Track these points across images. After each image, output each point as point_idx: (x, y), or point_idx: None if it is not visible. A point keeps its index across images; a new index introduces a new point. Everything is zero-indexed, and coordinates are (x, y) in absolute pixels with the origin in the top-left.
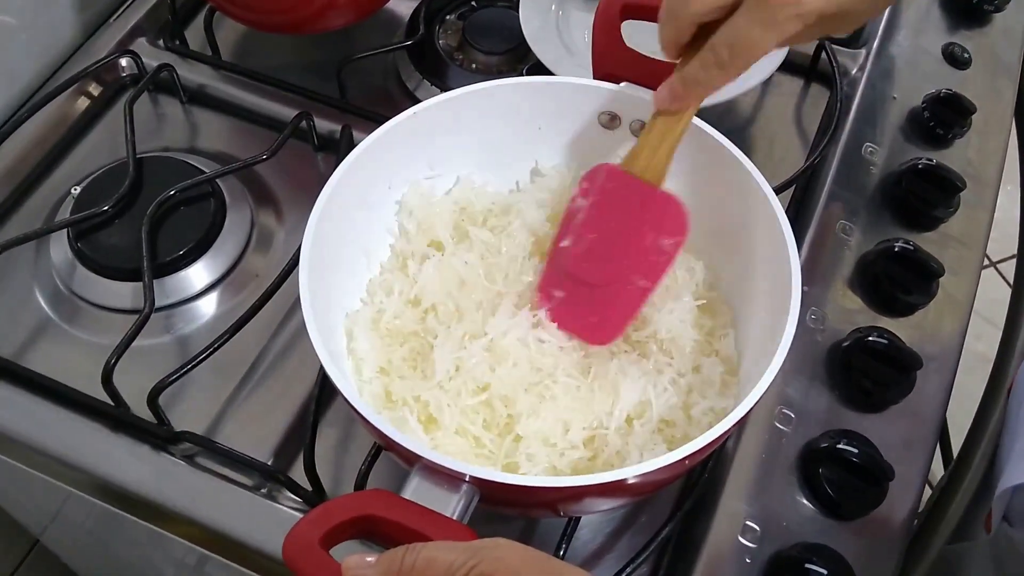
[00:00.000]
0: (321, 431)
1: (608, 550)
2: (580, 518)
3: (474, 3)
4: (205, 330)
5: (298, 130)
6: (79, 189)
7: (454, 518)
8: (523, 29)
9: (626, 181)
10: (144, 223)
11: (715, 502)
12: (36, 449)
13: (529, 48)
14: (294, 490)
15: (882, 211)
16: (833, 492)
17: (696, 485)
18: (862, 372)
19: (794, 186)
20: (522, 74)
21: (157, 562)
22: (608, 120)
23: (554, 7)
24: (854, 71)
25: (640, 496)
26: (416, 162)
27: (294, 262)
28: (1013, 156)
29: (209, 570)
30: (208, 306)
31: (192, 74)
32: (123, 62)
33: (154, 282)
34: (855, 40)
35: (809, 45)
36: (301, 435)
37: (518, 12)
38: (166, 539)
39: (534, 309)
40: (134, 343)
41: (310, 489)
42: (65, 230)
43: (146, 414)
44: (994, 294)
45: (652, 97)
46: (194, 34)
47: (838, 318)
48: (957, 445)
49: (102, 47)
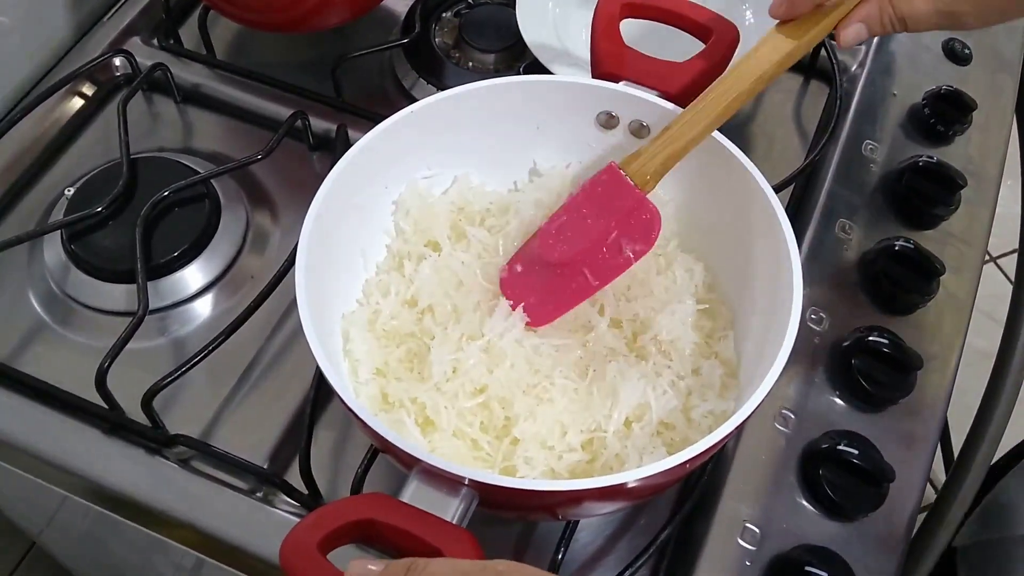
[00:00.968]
0: (317, 434)
1: (607, 553)
2: (579, 521)
3: (470, 1)
4: (200, 332)
5: (293, 129)
6: (73, 190)
7: (453, 522)
8: (520, 27)
9: (615, 177)
10: (138, 224)
11: (715, 504)
12: (30, 453)
13: (526, 46)
14: (290, 494)
15: (882, 209)
16: (834, 493)
17: (695, 487)
18: (863, 372)
19: (793, 184)
20: (519, 72)
21: (154, 565)
22: (606, 119)
23: (551, 5)
24: (854, 68)
25: (640, 500)
26: (413, 162)
27: (290, 263)
28: (1014, 151)
29: (206, 574)
30: (203, 308)
31: (186, 73)
32: (117, 61)
33: (148, 284)
34: None
35: None
36: (297, 438)
37: (515, 10)
38: (162, 543)
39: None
40: (128, 345)
41: (306, 493)
42: (59, 231)
43: (141, 417)
44: (994, 289)
45: (652, 96)
46: (188, 33)
47: (838, 318)
48: (957, 442)
49: (96, 46)
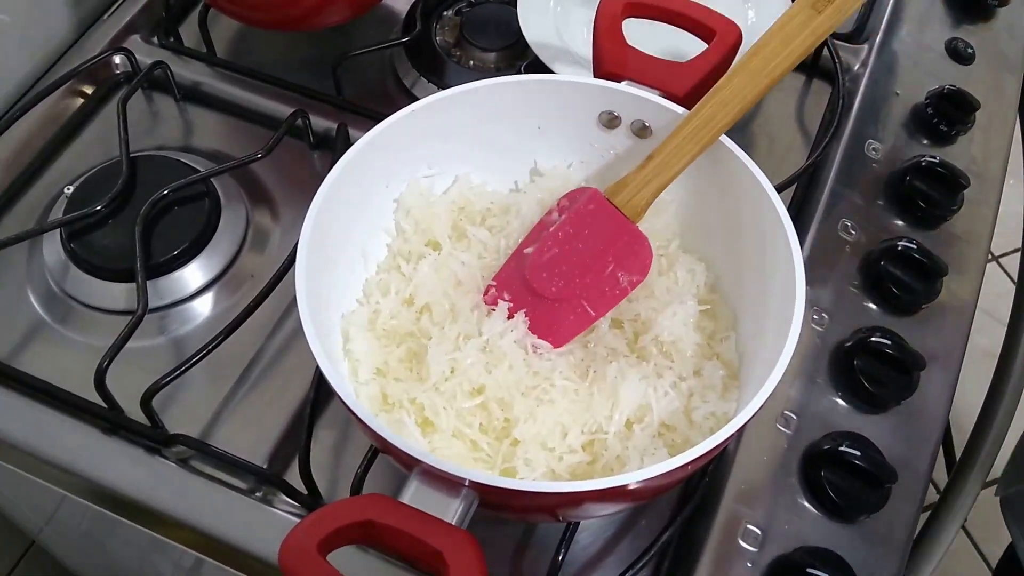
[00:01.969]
0: (317, 434)
1: (608, 554)
2: (579, 522)
3: None
4: (200, 331)
5: (294, 128)
6: (72, 188)
7: (454, 523)
8: (521, 26)
9: (605, 208)
10: (138, 223)
11: (716, 505)
12: (28, 452)
13: (527, 45)
14: (290, 494)
15: (885, 209)
16: (835, 495)
17: (697, 488)
18: (865, 373)
19: (796, 184)
20: (520, 71)
21: (154, 565)
22: (608, 119)
23: (553, 3)
24: (856, 67)
25: (641, 501)
26: (414, 161)
27: (290, 262)
28: (1017, 150)
29: (205, 574)
30: (203, 307)
31: (186, 71)
32: (117, 60)
33: (148, 283)
34: (857, 36)
35: None
36: (297, 438)
37: (516, 8)
38: (161, 543)
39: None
40: (128, 345)
41: (306, 493)
42: (58, 230)
43: (140, 417)
44: (996, 288)
45: (654, 96)
46: (188, 31)
47: (840, 318)
48: (959, 442)
49: (95, 44)
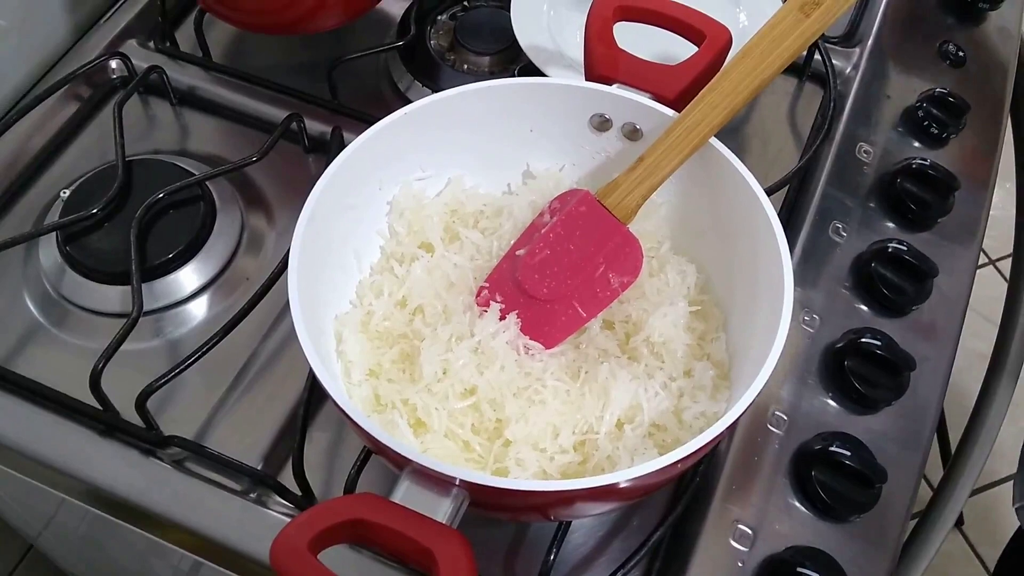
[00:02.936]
0: (311, 435)
1: (599, 554)
2: (571, 522)
3: (466, 3)
4: (195, 333)
5: (289, 132)
6: (68, 192)
7: (444, 522)
8: (515, 30)
9: (596, 210)
10: (133, 226)
11: (707, 505)
12: (24, 453)
13: (521, 49)
14: (284, 495)
15: (876, 211)
16: (826, 495)
17: (688, 488)
18: (855, 373)
19: (787, 186)
20: (514, 75)
21: (152, 568)
22: (600, 122)
23: (546, 7)
24: (848, 70)
25: (631, 500)
26: (407, 163)
27: (284, 264)
28: (1009, 153)
29: (202, 575)
30: (198, 309)
31: (182, 76)
32: (113, 64)
33: (143, 285)
34: (849, 39)
35: None
36: (291, 439)
37: (510, 12)
38: (157, 545)
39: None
40: (123, 347)
41: (300, 494)
42: (54, 233)
43: (135, 418)
44: (993, 292)
45: (645, 99)
46: (184, 36)
47: (831, 319)
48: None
49: (92, 49)
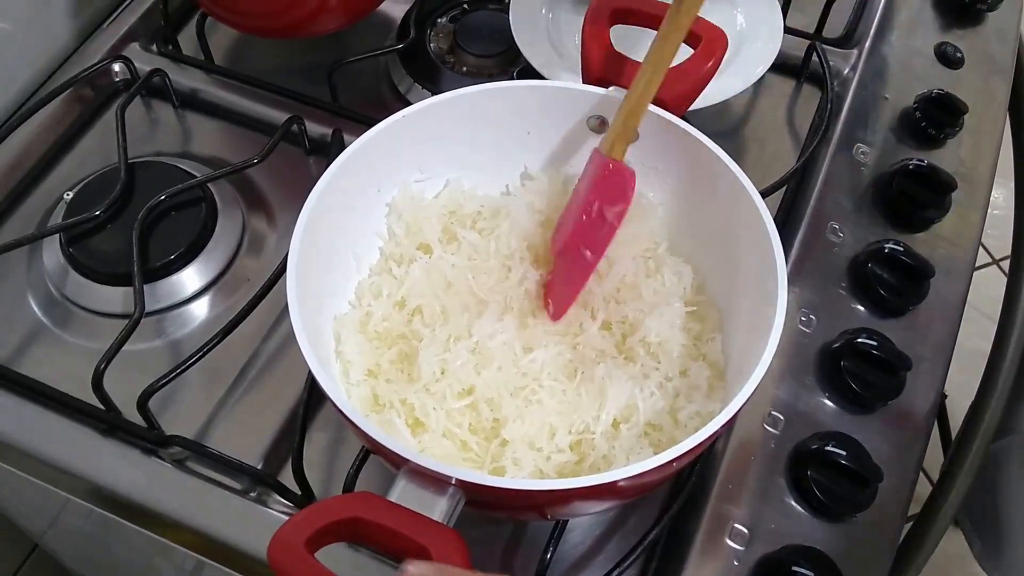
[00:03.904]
0: (311, 435)
1: (596, 553)
2: (568, 521)
3: (465, 6)
4: (196, 334)
5: (289, 134)
6: (71, 194)
7: (440, 521)
8: (514, 32)
9: (595, 159)
10: (135, 228)
11: (703, 505)
12: (27, 453)
13: (519, 51)
14: (283, 494)
15: (873, 212)
16: (822, 494)
17: (684, 488)
18: (852, 374)
19: (785, 187)
20: (513, 77)
21: (156, 567)
22: (597, 124)
23: (544, 10)
24: (846, 71)
25: (627, 499)
26: (406, 165)
27: (285, 265)
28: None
29: (206, 574)
30: (199, 310)
31: (184, 79)
32: (116, 67)
33: (145, 286)
34: (847, 40)
35: (800, 46)
36: (291, 439)
37: (509, 16)
38: (160, 544)
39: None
40: (125, 347)
41: (299, 493)
42: (57, 235)
43: (137, 418)
44: (996, 292)
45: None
46: (187, 39)
47: (828, 319)
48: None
49: (95, 52)
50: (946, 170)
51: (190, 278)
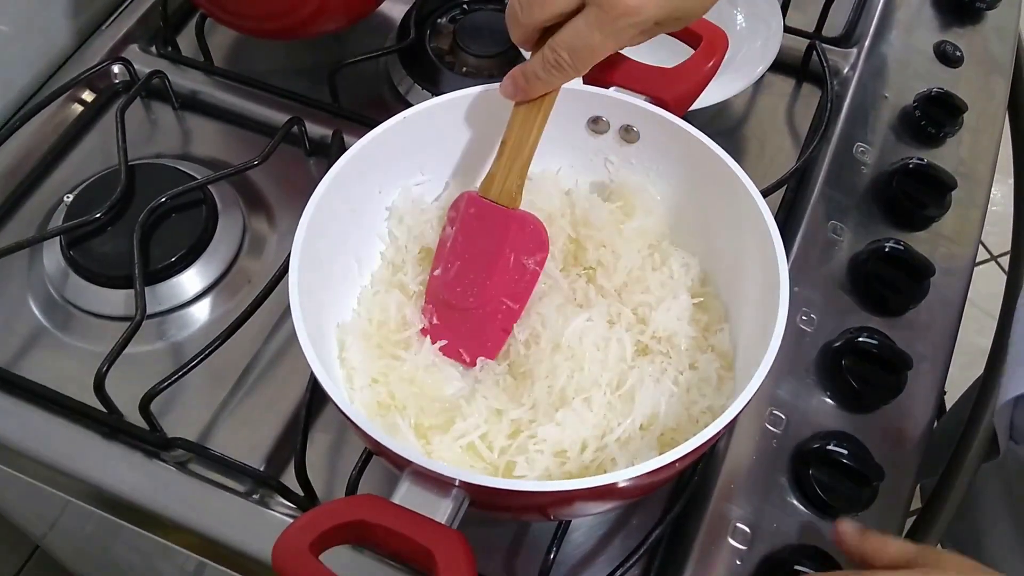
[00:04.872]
0: (313, 437)
1: (599, 552)
2: (571, 521)
3: (465, 6)
4: (198, 336)
5: (290, 135)
6: (72, 197)
7: (444, 523)
8: None
9: (483, 207)
10: (136, 230)
11: (705, 504)
12: (29, 456)
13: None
14: (286, 496)
15: (873, 211)
16: (824, 493)
17: (687, 487)
18: (853, 373)
19: (785, 186)
20: None
21: (158, 569)
22: (596, 124)
23: None
24: (845, 70)
25: (630, 499)
26: (406, 167)
27: (286, 267)
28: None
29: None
30: (201, 312)
31: (184, 80)
32: (115, 69)
33: (146, 289)
34: (846, 39)
35: (800, 45)
36: (293, 441)
37: None
38: (162, 546)
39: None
40: (127, 350)
41: (302, 494)
42: (58, 238)
43: (139, 421)
44: (996, 288)
45: (641, 102)
46: (186, 41)
47: (829, 318)
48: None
49: (94, 54)
50: (946, 169)
51: (191, 280)
